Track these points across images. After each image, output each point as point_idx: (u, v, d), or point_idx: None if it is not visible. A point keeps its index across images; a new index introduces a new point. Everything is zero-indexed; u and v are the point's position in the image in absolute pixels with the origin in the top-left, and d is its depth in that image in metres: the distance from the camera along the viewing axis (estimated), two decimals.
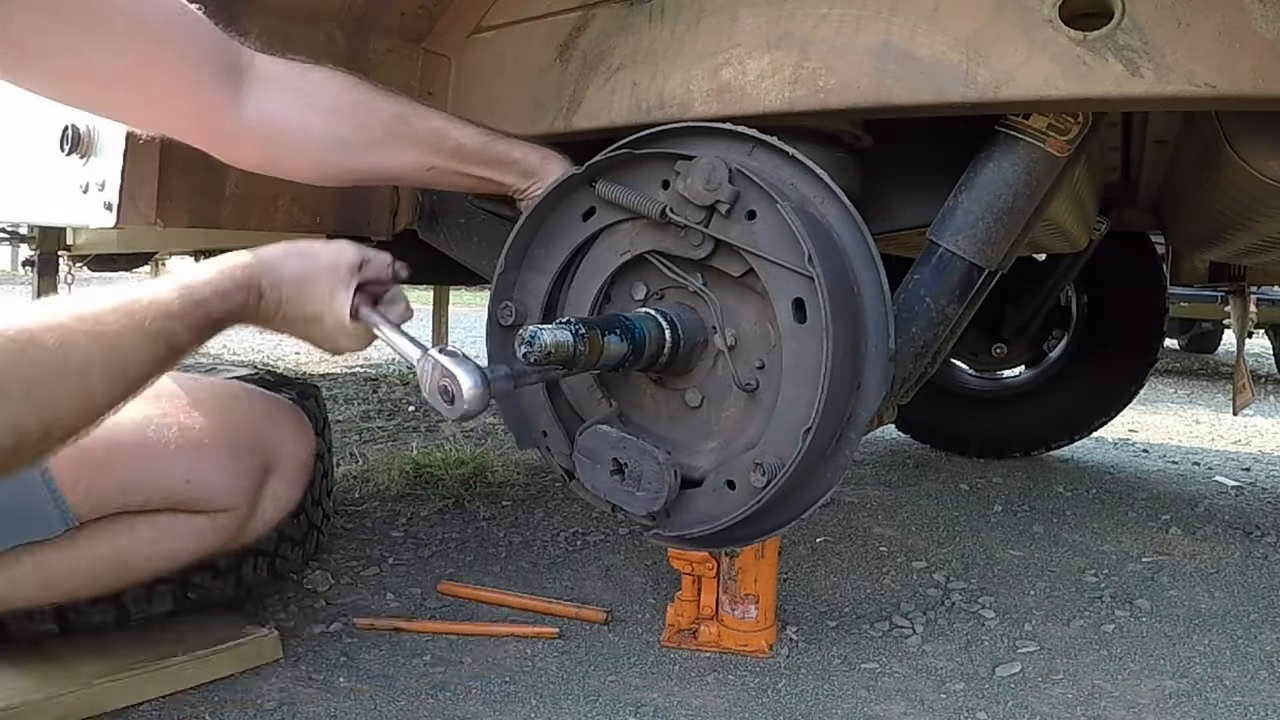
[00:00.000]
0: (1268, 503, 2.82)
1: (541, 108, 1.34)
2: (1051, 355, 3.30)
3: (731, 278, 1.05)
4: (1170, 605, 1.88)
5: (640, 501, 1.06)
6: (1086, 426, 3.25)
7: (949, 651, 1.63)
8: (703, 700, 1.42)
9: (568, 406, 1.19)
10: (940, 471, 3.05)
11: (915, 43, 1.04)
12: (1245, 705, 1.45)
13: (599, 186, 1.08)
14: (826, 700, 1.43)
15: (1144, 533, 2.40)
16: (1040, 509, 2.60)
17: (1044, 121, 1.11)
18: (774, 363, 1.03)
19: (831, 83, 1.09)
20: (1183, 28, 0.92)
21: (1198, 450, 3.74)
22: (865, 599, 1.86)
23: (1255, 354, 7.82)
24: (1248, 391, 3.05)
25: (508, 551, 2.04)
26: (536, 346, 0.92)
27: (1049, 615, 1.80)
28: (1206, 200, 1.69)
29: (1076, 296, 3.26)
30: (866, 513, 2.48)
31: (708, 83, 1.18)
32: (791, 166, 1.04)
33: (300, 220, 1.39)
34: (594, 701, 1.40)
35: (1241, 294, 3.20)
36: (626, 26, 1.27)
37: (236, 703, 1.33)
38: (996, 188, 1.14)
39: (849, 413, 1.02)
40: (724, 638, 1.59)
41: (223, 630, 1.44)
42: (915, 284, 1.17)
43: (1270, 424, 4.55)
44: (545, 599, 1.74)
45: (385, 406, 3.90)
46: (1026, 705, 1.43)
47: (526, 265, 1.17)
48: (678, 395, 1.13)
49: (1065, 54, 0.97)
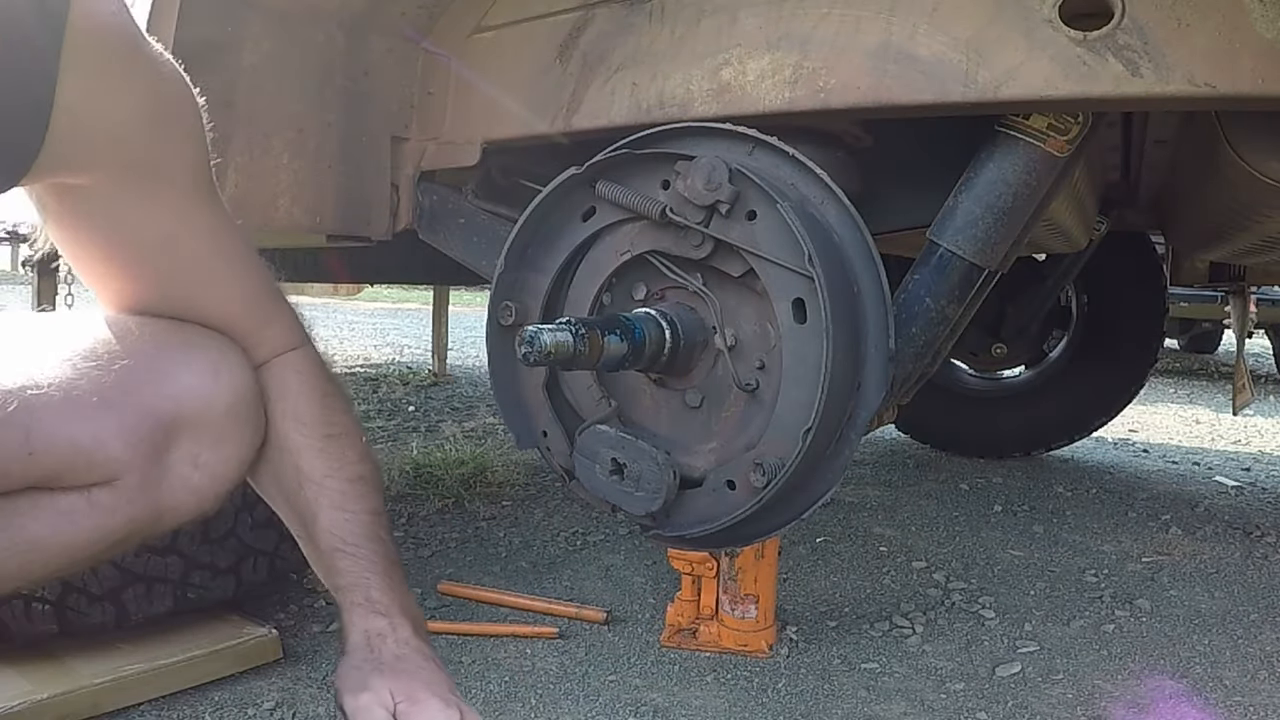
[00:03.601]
0: (1268, 503, 2.82)
1: (541, 108, 1.34)
2: (1051, 355, 3.30)
3: (731, 278, 1.05)
4: (1170, 605, 1.88)
5: (639, 501, 1.06)
6: (1086, 426, 3.25)
7: (949, 651, 1.62)
8: (703, 700, 1.42)
9: (567, 406, 1.19)
10: (940, 471, 3.05)
11: (915, 43, 1.04)
12: (1245, 705, 1.45)
13: (599, 186, 1.08)
14: (826, 700, 1.43)
15: (1144, 533, 2.40)
16: (1040, 509, 2.60)
17: (1044, 121, 1.11)
18: (774, 363, 1.03)
19: (831, 83, 1.09)
20: (1183, 28, 0.92)
21: (1198, 450, 3.74)
22: (865, 599, 1.86)
23: (1255, 354, 7.81)
24: (1248, 391, 3.05)
25: (508, 551, 2.04)
26: (536, 347, 0.92)
27: (1049, 615, 1.80)
28: (1206, 200, 1.69)
29: (1076, 296, 3.26)
30: (866, 513, 2.48)
31: (708, 83, 1.18)
32: (792, 166, 1.04)
33: (300, 220, 1.39)
34: (594, 701, 1.40)
35: (1241, 294, 3.20)
36: (626, 27, 1.26)
37: (236, 703, 1.33)
38: (996, 188, 1.14)
39: (849, 413, 1.02)
40: (724, 638, 1.58)
41: (223, 630, 1.44)
42: (915, 284, 1.17)
43: (1270, 424, 4.55)
44: (545, 599, 1.74)
45: (385, 406, 3.90)
46: (1026, 705, 1.43)
47: (526, 265, 1.17)
48: (678, 395, 1.13)
49: (1065, 54, 0.97)
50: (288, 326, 1.02)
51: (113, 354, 0.92)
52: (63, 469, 0.89)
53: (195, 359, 0.97)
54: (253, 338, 0.98)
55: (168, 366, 0.94)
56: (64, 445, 0.88)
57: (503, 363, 1.16)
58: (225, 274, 0.96)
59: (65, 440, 0.87)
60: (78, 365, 0.89)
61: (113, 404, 0.91)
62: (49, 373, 0.88)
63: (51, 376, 0.88)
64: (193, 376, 0.95)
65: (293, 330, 1.02)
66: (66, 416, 0.88)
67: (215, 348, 0.97)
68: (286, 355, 1.01)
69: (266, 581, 1.63)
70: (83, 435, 0.88)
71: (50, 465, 0.88)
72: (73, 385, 0.89)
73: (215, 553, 1.48)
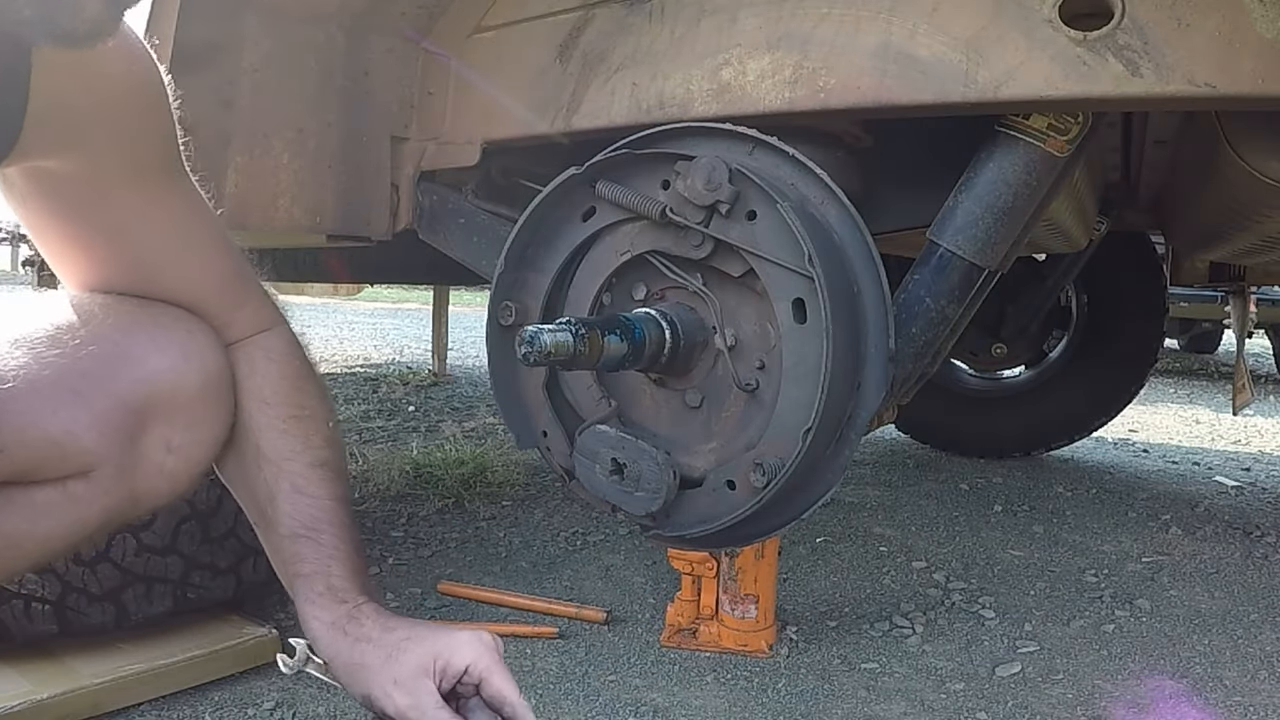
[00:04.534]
0: (1268, 503, 2.82)
1: (541, 108, 1.34)
2: (1051, 355, 3.30)
3: (731, 278, 1.05)
4: (1170, 605, 1.88)
5: (639, 501, 1.06)
6: (1086, 426, 3.25)
7: (949, 651, 1.62)
8: (703, 700, 1.42)
9: (567, 406, 1.19)
10: (940, 471, 3.05)
11: (915, 43, 1.04)
12: (1245, 705, 1.45)
13: (599, 186, 1.08)
14: (826, 700, 1.43)
15: (1144, 533, 2.40)
16: (1040, 509, 2.60)
17: (1044, 121, 1.11)
18: (774, 363, 1.03)
19: (831, 83, 1.09)
20: (1183, 28, 0.92)
21: (1198, 450, 3.74)
22: (865, 599, 1.86)
23: (1255, 354, 7.81)
24: (1248, 391, 3.05)
25: (508, 551, 2.04)
26: (536, 346, 0.92)
27: (1049, 615, 1.80)
28: (1206, 200, 1.69)
29: (1076, 296, 3.26)
30: (866, 513, 2.48)
31: (708, 83, 1.18)
32: (792, 167, 1.04)
33: (300, 220, 1.39)
34: (594, 701, 1.40)
35: (1241, 294, 3.20)
36: (626, 27, 1.26)
37: (236, 703, 1.33)
38: (996, 188, 1.14)
39: (849, 413, 1.02)
40: (724, 638, 1.58)
41: (223, 630, 1.44)
42: (915, 284, 1.17)
43: (1270, 424, 4.55)
44: (545, 599, 1.74)
45: (385, 406, 3.90)
46: (1026, 705, 1.43)
47: (526, 265, 1.17)
48: (678, 395, 1.13)
49: (1065, 54, 0.97)
50: (260, 308, 1.00)
51: (79, 339, 0.88)
52: (36, 464, 0.86)
53: (164, 340, 0.94)
54: (223, 318, 0.97)
55: (136, 349, 0.91)
56: (36, 440, 0.85)
57: (503, 363, 1.16)
58: (195, 255, 0.95)
59: (37, 434, 0.84)
60: (43, 355, 0.86)
61: (83, 393, 0.87)
62: (13, 364, 0.84)
63: (16, 368, 0.84)
64: (162, 358, 0.92)
65: (265, 312, 1.01)
66: (36, 410, 0.84)
67: (183, 327, 0.95)
68: (258, 336, 1.00)
69: (266, 581, 1.63)
70: (54, 428, 0.85)
71: (23, 461, 0.85)
72: (40, 376, 0.85)
73: (215, 553, 1.48)
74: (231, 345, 0.97)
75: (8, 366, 0.84)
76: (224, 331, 0.97)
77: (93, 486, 0.89)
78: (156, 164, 0.90)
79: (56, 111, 0.78)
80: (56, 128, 0.79)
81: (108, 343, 0.90)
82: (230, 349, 0.97)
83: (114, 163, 0.86)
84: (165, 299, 0.94)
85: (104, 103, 0.82)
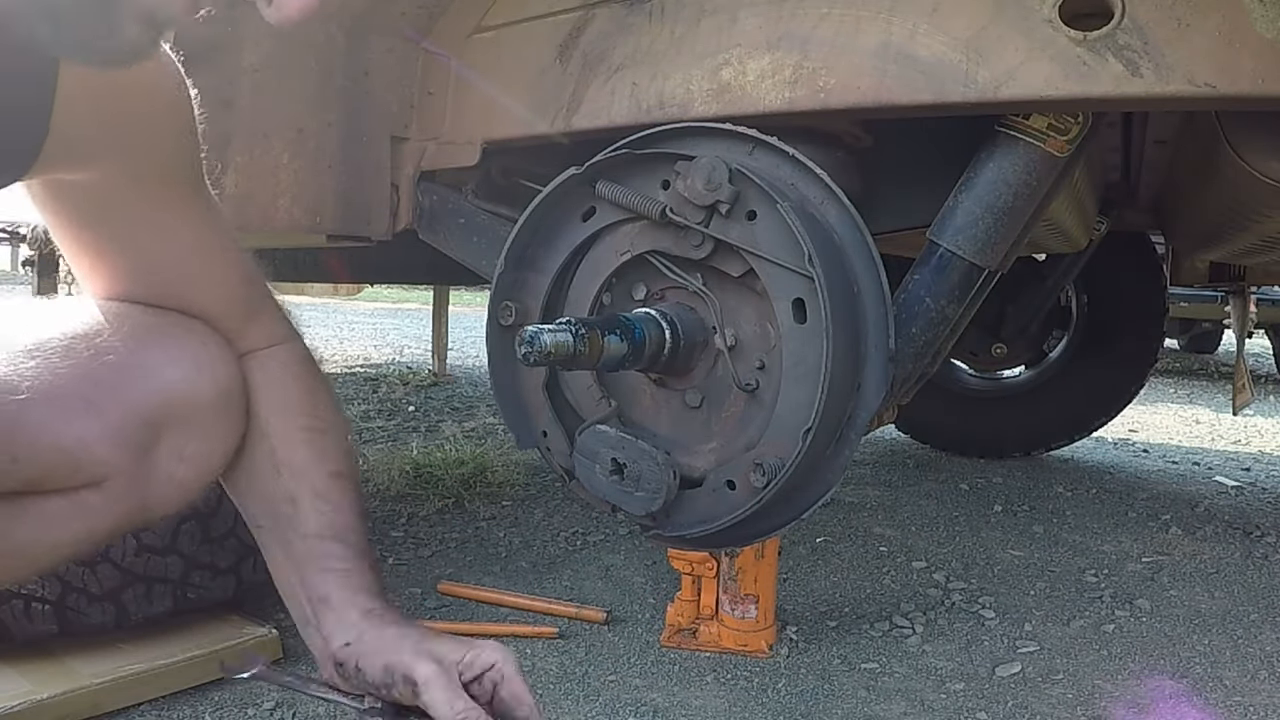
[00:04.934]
0: (1268, 503, 2.82)
1: (541, 108, 1.34)
2: (1051, 355, 3.31)
3: (731, 278, 1.05)
4: (1170, 605, 1.88)
5: (639, 501, 1.06)
6: (1086, 426, 3.25)
7: (949, 651, 1.63)
8: (703, 700, 1.42)
9: (567, 406, 1.19)
10: (940, 471, 3.05)
11: (915, 43, 1.04)
12: (1245, 705, 1.45)
13: (599, 186, 1.08)
14: (826, 700, 1.43)
15: (1144, 533, 2.40)
16: (1040, 509, 2.60)
17: (1044, 121, 1.11)
18: (774, 363, 1.03)
19: (831, 83, 1.09)
20: (1183, 28, 0.92)
21: (1198, 450, 3.74)
22: (865, 599, 1.86)
23: (1255, 354, 7.81)
24: (1248, 391, 3.05)
25: (508, 551, 2.04)
26: (536, 346, 0.92)
27: (1049, 615, 1.80)
28: (1206, 200, 1.69)
29: (1076, 296, 3.26)
30: (866, 513, 2.48)
31: (708, 83, 1.18)
32: (792, 167, 1.04)
33: (300, 220, 1.39)
34: (594, 701, 1.40)
35: (1241, 294, 3.20)
36: (626, 27, 1.26)
37: (236, 703, 1.33)
38: (996, 188, 1.14)
39: (849, 413, 1.02)
40: (724, 638, 1.59)
41: (223, 630, 1.44)
42: (915, 284, 1.17)
43: (1270, 424, 4.55)
44: (545, 599, 1.74)
45: (385, 406, 3.90)
46: (1026, 705, 1.43)
47: (526, 265, 1.17)
48: (678, 395, 1.13)
49: (1065, 54, 0.97)
50: (274, 321, 1.01)
51: (93, 350, 0.88)
52: (48, 474, 0.86)
53: (177, 351, 0.94)
54: (236, 329, 0.97)
55: (150, 360, 0.91)
56: (49, 450, 0.84)
57: (503, 363, 1.16)
58: (211, 266, 0.96)
59: (50, 445, 0.84)
60: (57, 365, 0.86)
61: (96, 404, 0.87)
62: (27, 374, 0.84)
63: (30, 378, 0.84)
64: (176, 369, 0.92)
65: (279, 325, 1.01)
66: (50, 420, 0.84)
67: (197, 338, 0.95)
68: (272, 349, 1.00)
69: (266, 581, 1.63)
70: (67, 439, 0.84)
71: (35, 471, 0.85)
72: (53, 386, 0.85)
73: (215, 553, 1.48)
74: (244, 356, 0.98)
75: (21, 376, 0.83)
76: (237, 342, 0.97)
77: (105, 496, 0.89)
78: (179, 178, 0.90)
79: (81, 125, 0.78)
80: (80, 141, 0.79)
81: (121, 353, 0.90)
82: (243, 359, 0.98)
83: (135, 175, 0.86)
84: (179, 309, 0.94)
85: (130, 117, 0.82)
